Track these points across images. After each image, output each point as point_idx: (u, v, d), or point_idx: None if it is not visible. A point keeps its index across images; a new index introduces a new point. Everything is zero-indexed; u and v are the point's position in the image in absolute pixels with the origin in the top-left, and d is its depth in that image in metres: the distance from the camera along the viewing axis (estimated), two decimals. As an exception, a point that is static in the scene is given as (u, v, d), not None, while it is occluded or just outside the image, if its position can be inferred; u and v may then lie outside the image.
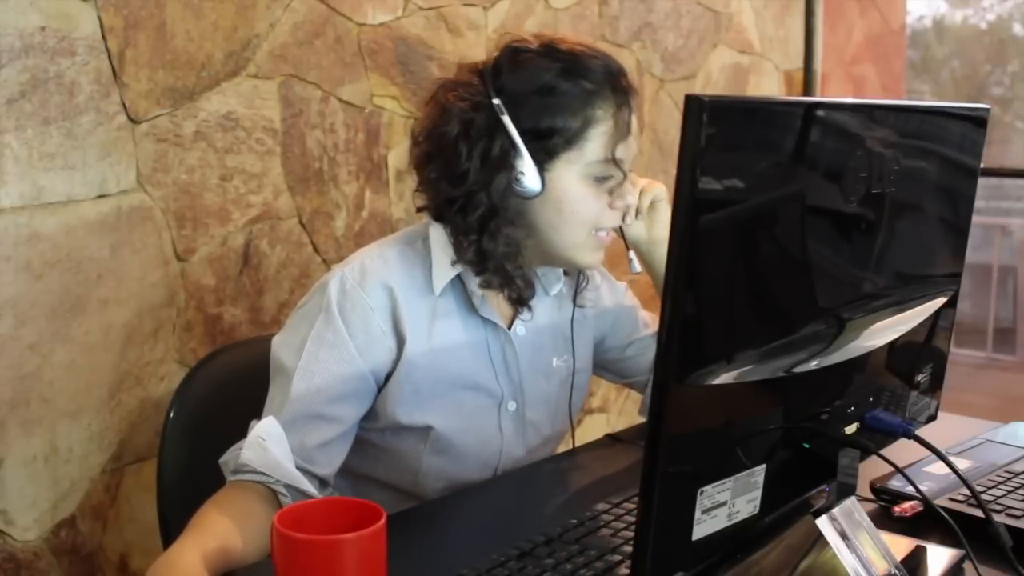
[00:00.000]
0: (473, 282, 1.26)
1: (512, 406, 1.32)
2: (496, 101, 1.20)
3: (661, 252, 1.40)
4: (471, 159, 1.20)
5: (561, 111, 1.19)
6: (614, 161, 1.21)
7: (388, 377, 1.24)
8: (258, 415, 1.21)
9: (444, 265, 1.25)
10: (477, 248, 1.22)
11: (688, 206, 0.71)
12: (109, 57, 1.57)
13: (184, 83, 1.68)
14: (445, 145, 1.22)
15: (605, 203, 1.24)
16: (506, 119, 1.19)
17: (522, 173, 1.20)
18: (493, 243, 1.22)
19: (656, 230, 1.39)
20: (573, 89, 1.20)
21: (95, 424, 1.61)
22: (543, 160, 1.21)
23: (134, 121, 1.61)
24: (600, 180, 1.23)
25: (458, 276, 1.26)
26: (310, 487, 1.15)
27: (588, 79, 1.20)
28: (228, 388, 1.39)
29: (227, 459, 1.16)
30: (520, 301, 1.27)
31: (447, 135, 1.21)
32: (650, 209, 1.37)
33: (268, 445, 1.13)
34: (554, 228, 1.24)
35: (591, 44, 1.25)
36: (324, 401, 1.19)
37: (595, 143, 1.21)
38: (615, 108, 1.21)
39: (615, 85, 1.22)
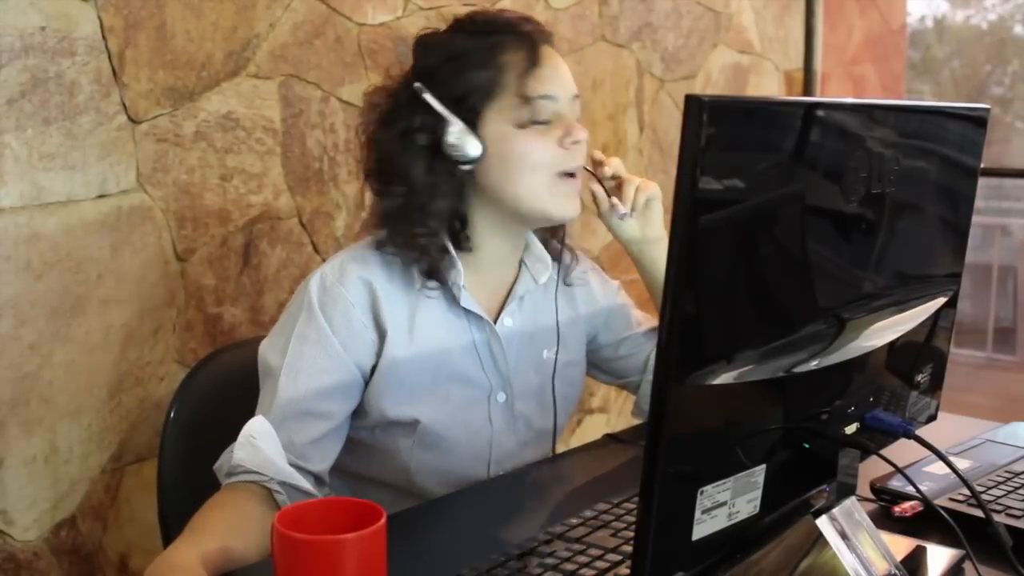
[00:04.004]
0: (453, 273, 1.27)
1: (501, 397, 1.32)
2: (417, 84, 1.23)
3: (654, 251, 1.40)
4: (390, 140, 1.24)
5: (470, 69, 1.22)
6: (536, 98, 1.22)
7: (373, 371, 1.25)
8: (258, 415, 1.21)
9: None
10: (380, 210, 1.26)
11: (688, 206, 0.71)
12: (109, 57, 1.57)
13: (184, 83, 1.68)
14: (369, 138, 1.27)
15: (553, 144, 1.23)
16: (427, 95, 1.22)
17: (456, 139, 1.21)
18: (385, 204, 1.25)
19: (649, 229, 1.39)
20: (477, 44, 1.23)
21: (95, 424, 1.61)
22: (472, 120, 1.22)
23: (134, 121, 1.61)
24: (536, 123, 1.23)
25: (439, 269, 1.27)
26: (305, 483, 1.15)
27: (489, 32, 1.24)
28: (228, 388, 1.39)
29: (220, 464, 1.16)
30: (428, 273, 1.26)
31: (370, 127, 1.27)
32: (644, 208, 1.37)
33: (259, 443, 1.13)
34: (509, 182, 1.24)
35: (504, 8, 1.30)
36: (311, 397, 1.19)
37: (511, 87, 1.22)
38: (524, 51, 1.23)
39: (518, 29, 1.25)
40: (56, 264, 1.53)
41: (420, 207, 1.23)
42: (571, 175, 1.25)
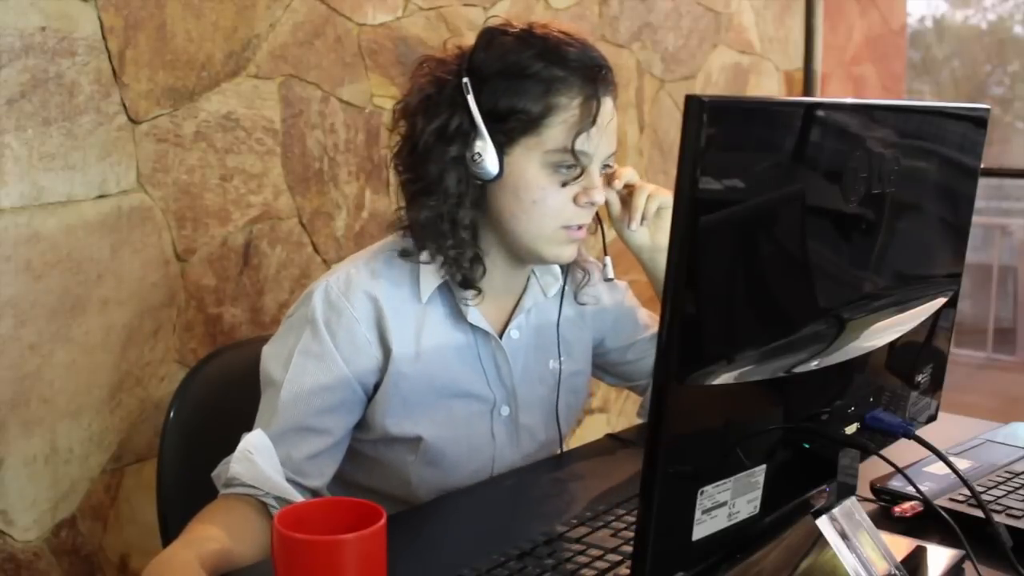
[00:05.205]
0: (460, 289, 1.25)
1: (505, 411, 1.31)
2: (465, 80, 1.18)
3: (664, 259, 1.38)
4: (425, 133, 1.19)
5: (523, 94, 1.17)
6: (574, 152, 1.18)
7: (376, 387, 1.23)
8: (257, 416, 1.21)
9: (430, 272, 1.24)
10: (411, 218, 1.22)
11: (688, 206, 0.71)
12: (109, 57, 1.57)
13: (184, 83, 1.68)
14: (406, 118, 1.22)
15: (569, 197, 1.20)
16: (469, 98, 1.17)
17: (479, 154, 1.17)
18: (420, 213, 1.21)
19: (660, 237, 1.35)
20: (539, 72, 1.17)
21: (95, 424, 1.61)
22: (503, 143, 1.18)
23: (134, 121, 1.61)
24: (562, 172, 1.19)
25: (446, 283, 1.25)
26: (300, 499, 1.14)
27: (557, 65, 1.17)
28: (228, 388, 1.39)
29: (218, 472, 1.16)
30: (465, 283, 1.24)
31: (408, 108, 1.22)
32: (656, 216, 1.33)
33: (255, 458, 1.12)
34: (514, 217, 1.21)
35: (577, 33, 1.22)
36: (312, 413, 1.18)
37: (555, 131, 1.17)
38: (582, 98, 1.18)
39: (587, 75, 1.18)
40: (56, 264, 1.53)
41: (450, 217, 1.20)
42: (578, 227, 1.23)
